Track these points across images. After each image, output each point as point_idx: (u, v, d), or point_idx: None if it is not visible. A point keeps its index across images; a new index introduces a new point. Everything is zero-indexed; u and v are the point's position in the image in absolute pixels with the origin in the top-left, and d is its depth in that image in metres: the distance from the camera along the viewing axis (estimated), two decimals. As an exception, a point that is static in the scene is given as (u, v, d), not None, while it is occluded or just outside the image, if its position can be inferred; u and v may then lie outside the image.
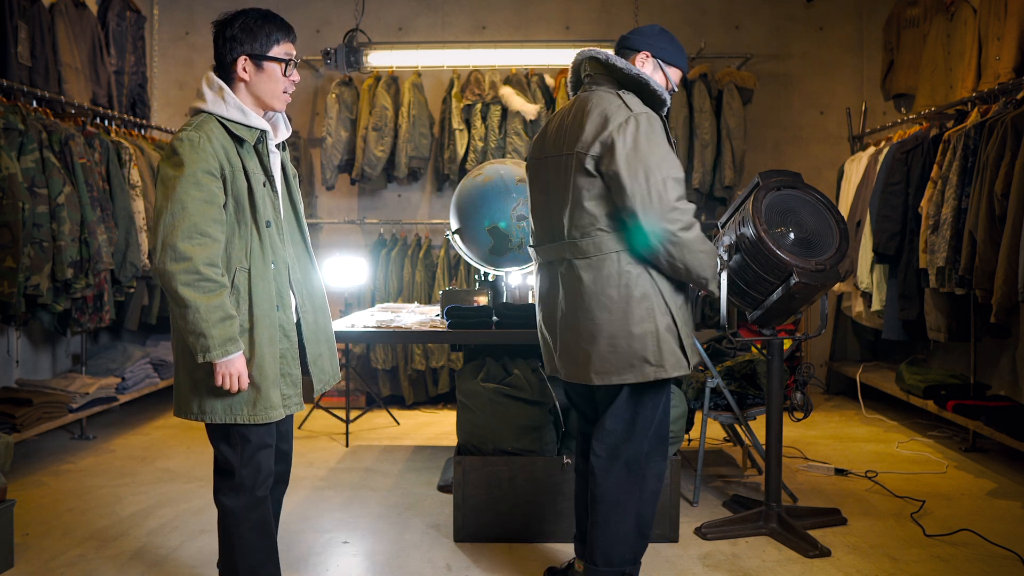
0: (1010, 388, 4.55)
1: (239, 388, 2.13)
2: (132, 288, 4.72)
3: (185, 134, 2.10)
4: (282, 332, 2.23)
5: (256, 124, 2.20)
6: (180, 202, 2.06)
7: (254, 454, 2.22)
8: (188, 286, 2.04)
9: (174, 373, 2.27)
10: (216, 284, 2.08)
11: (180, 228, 2.05)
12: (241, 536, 2.23)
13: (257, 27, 2.19)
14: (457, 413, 3.25)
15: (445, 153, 5.71)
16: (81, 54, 4.82)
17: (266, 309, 2.18)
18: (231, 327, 2.09)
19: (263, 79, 2.20)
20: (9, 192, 3.68)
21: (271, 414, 2.20)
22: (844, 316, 5.85)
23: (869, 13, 6.01)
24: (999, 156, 3.78)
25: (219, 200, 2.11)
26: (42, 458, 4.29)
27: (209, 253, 2.07)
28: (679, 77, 2.55)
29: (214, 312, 2.06)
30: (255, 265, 2.17)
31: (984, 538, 3.13)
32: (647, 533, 2.48)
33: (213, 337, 2.06)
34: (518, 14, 6.03)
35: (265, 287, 2.18)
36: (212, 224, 2.09)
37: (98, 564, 2.93)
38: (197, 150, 2.09)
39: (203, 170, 2.08)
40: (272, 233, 2.21)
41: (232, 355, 2.10)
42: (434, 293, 5.59)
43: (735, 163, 5.61)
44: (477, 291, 3.65)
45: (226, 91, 2.18)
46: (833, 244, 2.97)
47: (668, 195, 2.29)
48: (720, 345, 4.15)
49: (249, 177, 2.17)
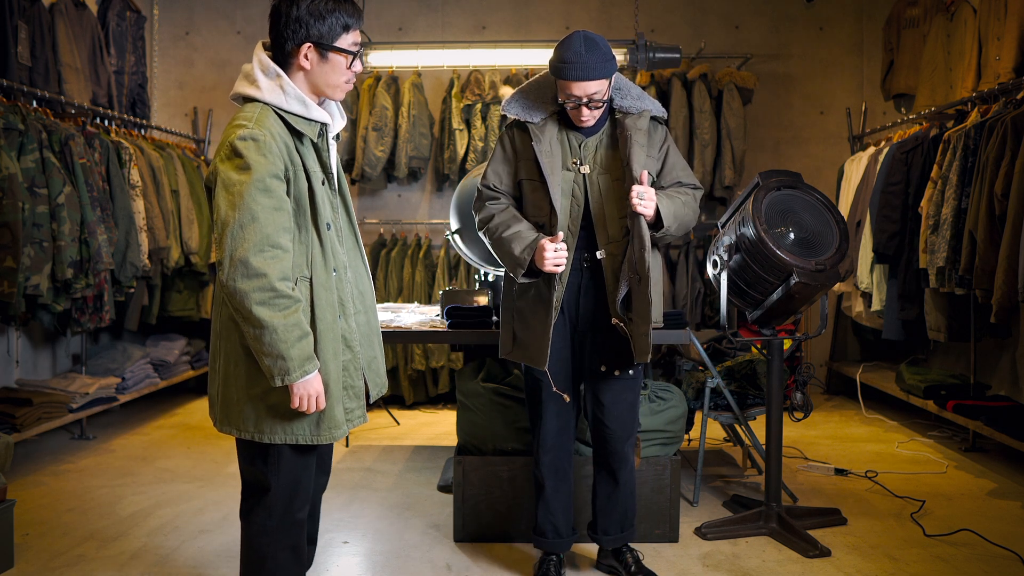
0: (1010, 388, 4.55)
1: (316, 408, 1.96)
2: (132, 288, 4.72)
3: (248, 132, 1.89)
4: (344, 343, 2.05)
5: (317, 117, 1.98)
6: (249, 211, 1.86)
7: (297, 474, 2.05)
8: (263, 305, 1.86)
9: (220, 386, 2.05)
10: (291, 300, 1.90)
11: (251, 241, 1.86)
12: (275, 557, 2.06)
13: (327, 11, 1.95)
14: (457, 413, 3.25)
15: (445, 153, 5.71)
16: (81, 54, 4.82)
17: (329, 321, 2.00)
18: (308, 345, 1.92)
19: (326, 70, 1.98)
20: (9, 192, 3.68)
21: (335, 433, 2.02)
22: (844, 316, 5.85)
23: (869, 13, 6.01)
24: (999, 156, 3.78)
25: (287, 206, 1.93)
26: (42, 458, 4.29)
27: (282, 267, 1.89)
28: (569, 90, 2.51)
29: (292, 331, 1.89)
30: (317, 273, 1.99)
31: (984, 538, 3.13)
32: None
33: (292, 359, 1.89)
34: (518, 14, 6.03)
35: (328, 297, 2.00)
36: (283, 234, 1.90)
37: (98, 564, 2.92)
38: (264, 152, 1.88)
39: (271, 174, 1.89)
40: (332, 236, 2.03)
41: (311, 375, 1.93)
42: (434, 293, 5.59)
43: (735, 163, 5.62)
44: (477, 291, 3.65)
45: (284, 79, 1.95)
46: (833, 244, 2.97)
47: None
48: (720, 345, 4.15)
49: (310, 176, 1.98)
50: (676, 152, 2.72)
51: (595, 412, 2.71)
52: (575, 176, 2.59)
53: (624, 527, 2.79)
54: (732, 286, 3.02)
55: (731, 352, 4.08)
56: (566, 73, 2.46)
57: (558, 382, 2.64)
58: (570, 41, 2.47)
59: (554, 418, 2.70)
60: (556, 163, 2.57)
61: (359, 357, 2.09)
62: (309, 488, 2.11)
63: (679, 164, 2.71)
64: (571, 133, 2.61)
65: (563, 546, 2.79)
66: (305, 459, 2.07)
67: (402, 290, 5.64)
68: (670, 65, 4.57)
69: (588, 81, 2.46)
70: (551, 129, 2.60)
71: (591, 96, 2.48)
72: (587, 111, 2.52)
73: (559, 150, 2.58)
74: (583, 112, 2.52)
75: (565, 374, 2.67)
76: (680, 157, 2.73)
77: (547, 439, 2.72)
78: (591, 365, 2.68)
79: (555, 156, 2.57)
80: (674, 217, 2.56)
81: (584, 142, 2.61)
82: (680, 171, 2.70)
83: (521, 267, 2.52)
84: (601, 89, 2.49)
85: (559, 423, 2.71)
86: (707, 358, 3.68)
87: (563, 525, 2.78)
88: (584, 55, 2.44)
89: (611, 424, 2.68)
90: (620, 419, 2.69)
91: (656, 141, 2.66)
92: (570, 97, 2.50)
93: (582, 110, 2.52)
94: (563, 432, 2.73)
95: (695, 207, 2.68)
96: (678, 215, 2.58)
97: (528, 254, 2.50)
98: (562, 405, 2.69)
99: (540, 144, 2.56)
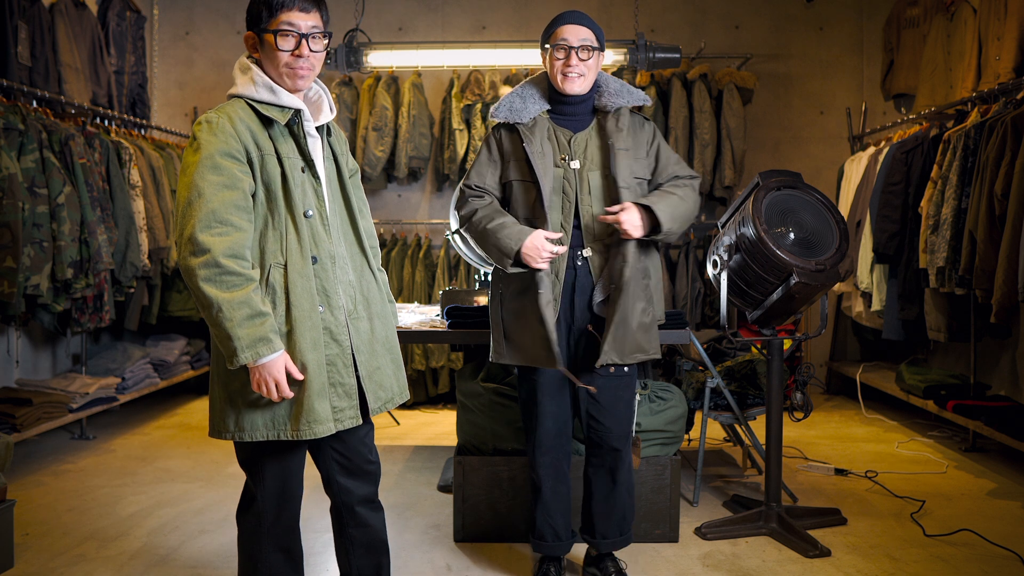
0: (1010, 388, 4.55)
1: (280, 396, 1.89)
2: (132, 288, 4.72)
3: (203, 117, 1.93)
4: (328, 335, 1.98)
5: (287, 103, 1.97)
6: (197, 188, 1.85)
7: (283, 476, 2.01)
8: (208, 282, 1.83)
9: (209, 388, 2.04)
10: (240, 278, 1.85)
11: (197, 217, 1.84)
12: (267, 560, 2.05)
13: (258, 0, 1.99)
14: (457, 413, 3.26)
15: (445, 153, 5.71)
16: (81, 54, 4.82)
17: (307, 310, 1.94)
18: (261, 325, 1.85)
19: (267, 56, 1.99)
20: (9, 192, 3.68)
21: (316, 429, 1.94)
22: (844, 316, 5.85)
23: (869, 13, 6.01)
24: (999, 156, 3.78)
25: (242, 185, 1.89)
26: (42, 458, 4.29)
27: (231, 243, 1.85)
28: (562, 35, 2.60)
29: (239, 309, 1.83)
30: (292, 260, 1.94)
31: (984, 538, 3.13)
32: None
33: (240, 338, 1.83)
34: (518, 14, 6.03)
35: (305, 284, 1.95)
36: (233, 211, 1.87)
37: (98, 564, 2.92)
38: (215, 132, 1.89)
39: (221, 152, 1.88)
40: (314, 224, 1.98)
41: (266, 357, 1.86)
42: (434, 293, 5.59)
43: (735, 163, 5.62)
44: (477, 291, 3.65)
45: (255, 71, 1.98)
46: (833, 244, 2.97)
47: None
48: (720, 345, 4.15)
49: (283, 162, 1.96)
50: (666, 147, 2.72)
51: (591, 411, 2.68)
52: (565, 172, 2.59)
53: (623, 530, 2.76)
54: (732, 286, 3.02)
55: (731, 352, 4.08)
56: (560, 20, 2.59)
57: (560, 379, 2.64)
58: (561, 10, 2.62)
59: (552, 420, 2.68)
60: (548, 162, 2.57)
61: (349, 354, 2.02)
62: (298, 491, 2.08)
63: (672, 159, 2.71)
64: (560, 130, 2.63)
65: (563, 549, 2.77)
66: (290, 463, 2.04)
67: (402, 290, 5.64)
68: (670, 65, 4.57)
69: (581, 26, 2.57)
70: (541, 129, 2.61)
71: (582, 41, 2.55)
72: (576, 61, 2.55)
73: (550, 148, 2.59)
74: (572, 61, 2.55)
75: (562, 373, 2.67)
76: (671, 151, 2.73)
77: (545, 441, 2.69)
78: (586, 364, 2.67)
79: (547, 155, 2.58)
80: (672, 218, 2.55)
81: (573, 137, 2.62)
82: (674, 165, 2.70)
83: (509, 257, 2.51)
84: (591, 39, 2.57)
85: (557, 425, 2.69)
86: (707, 358, 3.68)
87: (562, 528, 2.75)
88: (576, 10, 2.61)
89: (608, 422, 2.67)
90: (617, 417, 2.68)
91: (642, 141, 2.66)
92: (561, 45, 2.56)
93: (572, 59, 2.55)
94: (561, 434, 2.71)
95: (695, 197, 2.68)
96: (676, 214, 2.57)
97: (516, 243, 2.49)
98: (559, 406, 2.67)
99: (532, 145, 2.57)
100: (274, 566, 2.08)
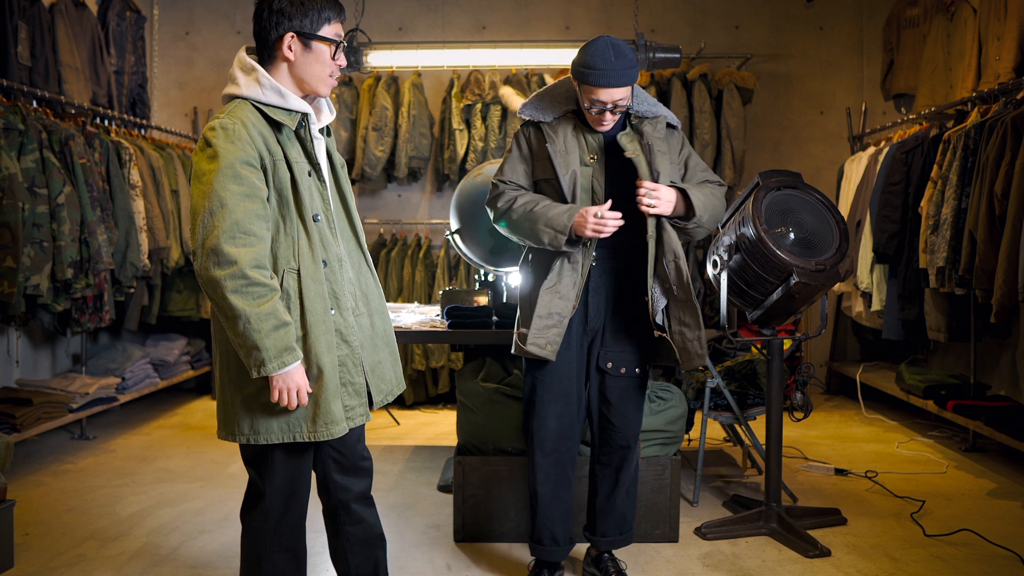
0: (1010, 388, 4.55)
1: (298, 403, 1.92)
2: (132, 288, 4.72)
3: (218, 122, 1.90)
4: (340, 337, 2.00)
5: (296, 107, 1.97)
6: (218, 198, 1.84)
7: (293, 477, 2.03)
8: (236, 293, 1.83)
9: (219, 390, 2.04)
10: (266, 289, 1.86)
11: (221, 228, 1.83)
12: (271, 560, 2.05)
13: (309, 2, 1.97)
14: (457, 413, 3.25)
15: (445, 153, 5.71)
16: (81, 54, 4.82)
17: (320, 313, 1.96)
18: (286, 335, 1.87)
19: (310, 60, 1.98)
20: (9, 192, 3.68)
21: (333, 430, 1.97)
22: (844, 316, 5.85)
23: (869, 13, 6.01)
24: (999, 156, 3.78)
25: (261, 194, 1.90)
26: (42, 458, 4.29)
27: (255, 254, 1.86)
28: (595, 96, 2.51)
29: (266, 320, 1.84)
30: (304, 264, 1.95)
31: (984, 538, 3.13)
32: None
33: (267, 349, 1.84)
34: (518, 14, 6.03)
35: (317, 288, 1.96)
36: (255, 220, 1.87)
37: (98, 564, 2.92)
38: (233, 139, 1.87)
39: (241, 161, 1.87)
40: (322, 227, 2.00)
41: (289, 366, 1.88)
42: (434, 293, 5.59)
43: (735, 163, 5.62)
44: (477, 291, 3.65)
45: (260, 72, 1.95)
46: (833, 244, 2.97)
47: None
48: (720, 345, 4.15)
49: (292, 167, 1.96)
50: (695, 154, 2.73)
51: (602, 410, 2.68)
52: (593, 171, 2.59)
53: (623, 529, 2.77)
54: (732, 286, 3.02)
55: (731, 352, 4.08)
56: (595, 79, 2.46)
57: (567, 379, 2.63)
58: (596, 47, 2.47)
59: (556, 420, 2.65)
60: (572, 159, 2.57)
61: (358, 354, 2.04)
62: (306, 490, 2.09)
63: (700, 165, 2.71)
64: (587, 130, 2.61)
65: (560, 555, 2.75)
66: (300, 461, 2.05)
67: (402, 290, 5.64)
68: (670, 65, 4.57)
69: (616, 88, 2.47)
70: (565, 127, 2.60)
71: (616, 102, 2.49)
72: (610, 116, 2.53)
73: (575, 146, 2.58)
74: (606, 117, 2.53)
75: (577, 372, 2.66)
76: (699, 158, 2.74)
77: (547, 442, 2.66)
78: (599, 363, 2.67)
79: (570, 153, 2.57)
80: (704, 207, 2.55)
81: (601, 139, 2.61)
82: (702, 172, 2.71)
83: (563, 233, 2.49)
84: (626, 95, 2.51)
85: (561, 426, 2.66)
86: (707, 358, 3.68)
87: (561, 534, 2.72)
88: (613, 62, 2.44)
89: (618, 423, 2.67)
90: (627, 418, 2.68)
91: (675, 146, 2.67)
92: (595, 103, 2.50)
93: (605, 115, 2.52)
94: (566, 437, 2.67)
95: (723, 200, 2.68)
96: (708, 205, 2.57)
97: (570, 219, 2.49)
98: (565, 406, 2.66)
99: (554, 144, 2.57)
100: (278, 566, 2.07)
